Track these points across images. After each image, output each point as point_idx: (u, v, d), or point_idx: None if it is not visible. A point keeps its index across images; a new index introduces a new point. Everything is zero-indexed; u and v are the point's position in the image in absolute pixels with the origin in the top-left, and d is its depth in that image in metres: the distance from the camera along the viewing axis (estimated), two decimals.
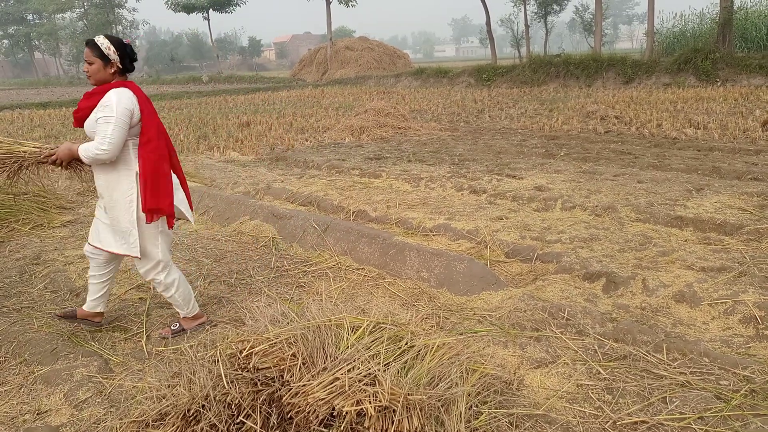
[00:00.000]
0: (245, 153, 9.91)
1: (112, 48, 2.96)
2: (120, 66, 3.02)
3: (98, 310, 3.43)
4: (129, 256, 3.16)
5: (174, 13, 46.05)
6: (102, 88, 2.99)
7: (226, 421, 2.09)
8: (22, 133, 13.53)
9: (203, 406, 2.12)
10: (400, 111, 12.46)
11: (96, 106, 2.97)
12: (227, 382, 2.16)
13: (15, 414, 2.70)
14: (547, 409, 2.48)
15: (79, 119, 3.06)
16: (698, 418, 2.36)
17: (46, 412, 2.71)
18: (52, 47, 66.08)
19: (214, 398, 2.12)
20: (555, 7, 36.33)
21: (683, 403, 2.45)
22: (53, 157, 3.11)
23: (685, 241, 4.37)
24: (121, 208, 3.09)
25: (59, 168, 3.17)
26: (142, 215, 3.08)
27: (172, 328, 3.40)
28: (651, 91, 16.36)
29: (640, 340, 2.97)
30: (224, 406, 2.11)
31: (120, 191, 3.07)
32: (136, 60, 3.12)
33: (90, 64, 2.97)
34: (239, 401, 2.11)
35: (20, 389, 2.90)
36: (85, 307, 3.41)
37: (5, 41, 72.97)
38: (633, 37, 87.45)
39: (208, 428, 2.07)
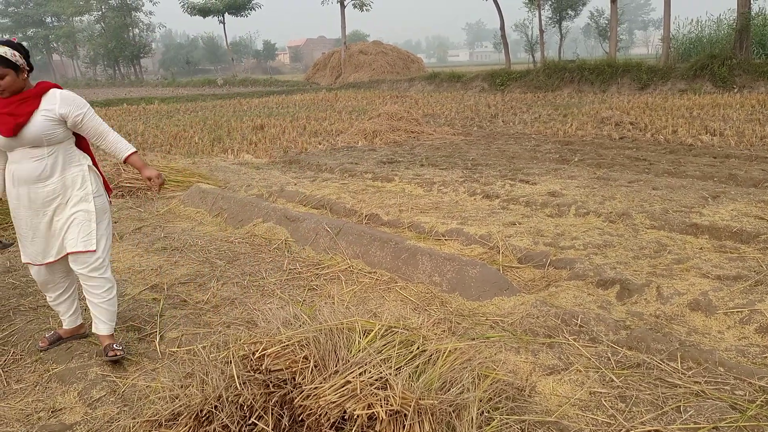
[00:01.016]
0: (259, 156, 9.97)
1: (17, 53, 2.84)
2: (28, 68, 2.91)
3: (79, 322, 3.39)
4: (86, 251, 2.99)
5: (190, 16, 46.40)
6: (30, 92, 2.89)
7: (238, 423, 2.10)
8: None
9: (216, 406, 2.13)
10: (414, 115, 12.48)
11: (37, 109, 2.88)
12: (240, 384, 2.18)
13: (30, 411, 2.73)
14: (559, 417, 2.47)
15: (19, 125, 2.85)
16: (713, 428, 2.33)
17: (61, 410, 2.74)
18: (69, 49, 66.93)
19: (227, 399, 2.13)
20: (570, 12, 36.19)
21: (698, 412, 2.43)
22: (158, 180, 3.25)
23: (701, 248, 4.32)
24: (82, 204, 3.02)
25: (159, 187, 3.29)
26: (100, 206, 3.08)
27: (117, 347, 3.11)
28: (666, 97, 16.23)
29: (654, 348, 2.95)
30: (236, 408, 2.12)
31: (79, 187, 3.03)
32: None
33: (1, 78, 2.79)
34: (251, 403, 2.12)
35: (35, 387, 2.93)
36: (66, 327, 3.36)
37: (24, 43, 73.88)
38: (648, 43, 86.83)
39: (220, 429, 2.08)
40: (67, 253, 3.02)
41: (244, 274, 4.42)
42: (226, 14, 46.26)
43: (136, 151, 3.20)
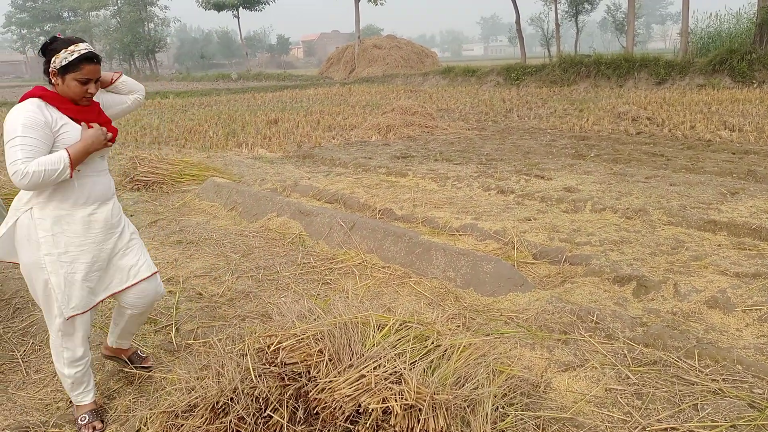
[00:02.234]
0: (273, 150, 9.99)
1: None
2: None
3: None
4: (152, 275, 2.64)
5: (204, 11, 46.70)
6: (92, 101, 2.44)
7: (254, 415, 2.11)
8: None
9: (231, 399, 2.15)
10: (428, 110, 12.44)
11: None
12: (255, 376, 2.19)
13: (49, 401, 2.77)
14: (574, 413, 2.46)
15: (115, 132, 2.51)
16: (730, 426, 2.30)
17: None
18: None
19: (242, 391, 2.14)
20: (586, 5, 35.83)
21: (715, 410, 2.40)
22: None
23: (719, 245, 4.27)
24: (131, 224, 2.67)
25: None
26: None
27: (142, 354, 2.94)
28: (684, 93, 16.03)
29: (671, 346, 2.92)
30: (252, 400, 2.13)
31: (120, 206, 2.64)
32: None
33: (96, 81, 2.37)
34: (267, 395, 2.13)
35: (54, 377, 2.97)
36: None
37: (42, 38, 74.77)
38: (666, 37, 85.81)
39: (236, 421, 2.10)
40: (134, 283, 2.55)
41: (258, 267, 4.44)
42: (241, 9, 46.43)
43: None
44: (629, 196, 5.56)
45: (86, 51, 2.27)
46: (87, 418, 2.50)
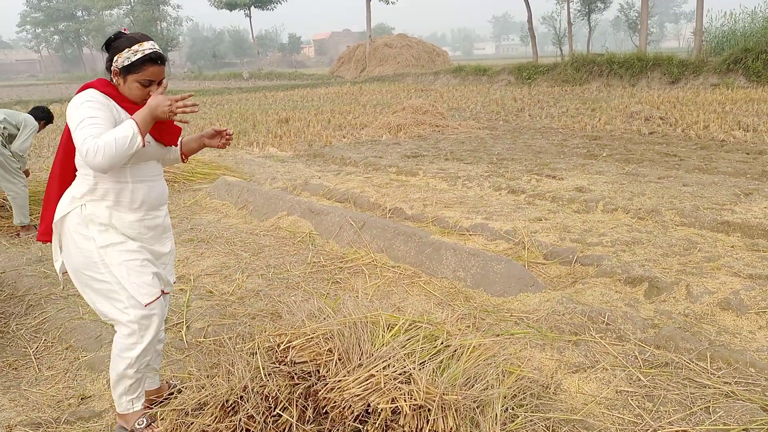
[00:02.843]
0: (284, 149, 10.02)
1: None
2: None
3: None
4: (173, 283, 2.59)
5: (217, 10, 46.90)
6: None
7: (263, 413, 2.12)
8: None
9: (241, 397, 2.15)
10: (438, 109, 12.41)
11: None
12: (265, 375, 2.19)
13: (60, 398, 2.80)
14: (584, 415, 2.44)
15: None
16: (743, 430, 2.28)
17: (90, 397, 2.80)
18: (99, 43, 67.87)
19: (252, 390, 2.15)
20: (599, 4, 35.60)
21: (727, 413, 2.38)
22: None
23: (732, 247, 4.23)
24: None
25: None
26: None
27: None
28: (698, 92, 15.87)
29: (683, 348, 2.89)
30: (262, 398, 2.14)
31: None
32: None
33: (159, 83, 2.23)
34: (276, 394, 2.14)
35: (66, 374, 3.00)
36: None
37: (56, 37, 75.56)
38: (680, 36, 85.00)
39: (245, 419, 2.10)
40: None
41: (268, 266, 4.45)
42: (253, 8, 46.59)
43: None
44: (641, 197, 5.52)
45: (150, 51, 2.13)
46: (145, 421, 2.34)
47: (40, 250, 4.99)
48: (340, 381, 2.09)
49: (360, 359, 2.18)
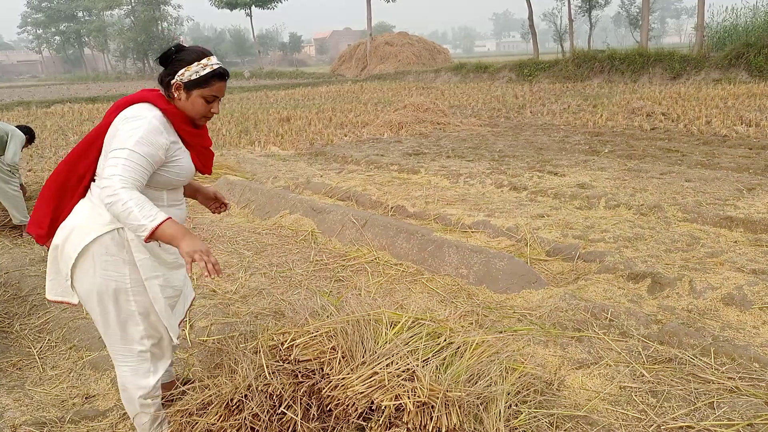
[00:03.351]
0: (285, 147, 10.02)
1: None
2: None
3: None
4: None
5: (217, 9, 46.84)
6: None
7: (268, 412, 2.12)
8: (72, 126, 13.99)
9: (245, 396, 2.15)
10: (440, 106, 12.40)
11: None
12: (269, 373, 2.19)
13: (65, 397, 2.81)
14: (588, 411, 2.44)
15: None
16: (747, 425, 2.28)
17: (94, 396, 2.81)
18: (100, 43, 68.15)
19: (256, 388, 2.15)
20: (600, 0, 35.49)
21: (731, 409, 2.38)
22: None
23: (735, 242, 4.22)
24: None
25: None
26: None
27: None
28: (700, 87, 15.84)
29: (687, 343, 2.89)
30: (266, 397, 2.14)
31: None
32: None
33: (219, 100, 2.21)
34: (280, 392, 2.14)
35: (70, 373, 3.01)
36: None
37: (57, 38, 75.61)
38: (681, 32, 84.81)
39: (250, 418, 2.11)
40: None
41: (271, 265, 4.45)
42: (253, 7, 46.55)
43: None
44: (644, 193, 5.51)
45: (218, 66, 2.11)
46: None
47: (43, 251, 5.00)
48: (343, 379, 2.09)
49: (363, 357, 2.18)
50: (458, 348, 2.38)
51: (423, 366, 2.15)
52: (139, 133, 1.93)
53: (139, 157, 1.90)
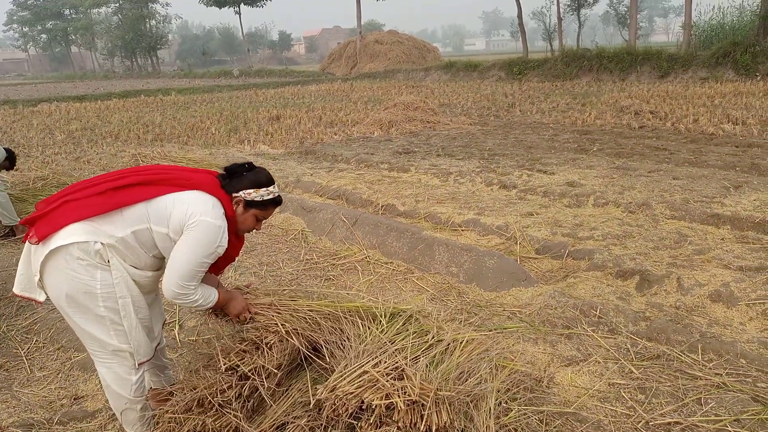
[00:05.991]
0: (275, 146, 9.99)
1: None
2: None
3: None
4: None
5: (206, 7, 46.61)
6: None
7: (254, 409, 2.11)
8: (59, 125, 13.86)
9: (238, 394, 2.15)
10: (429, 105, 12.41)
11: None
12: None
13: (53, 398, 2.78)
14: (577, 408, 2.45)
15: None
16: (734, 420, 2.30)
17: (83, 397, 2.79)
18: (87, 41, 67.65)
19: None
20: None
21: (719, 404, 2.40)
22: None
23: (722, 239, 4.26)
24: None
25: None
26: None
27: None
28: (687, 86, 15.96)
29: (675, 340, 2.92)
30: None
31: None
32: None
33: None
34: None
35: (58, 375, 2.98)
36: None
37: (43, 36, 74.91)
38: (669, 30, 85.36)
39: (242, 416, 2.10)
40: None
41: (261, 264, 4.44)
42: (242, 5, 46.35)
43: None
44: (632, 190, 5.55)
45: (278, 195, 2.32)
46: None
47: None
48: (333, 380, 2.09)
49: (350, 355, 2.18)
50: (448, 345, 2.38)
51: (413, 364, 2.15)
52: (213, 244, 2.10)
53: (207, 264, 2.14)
